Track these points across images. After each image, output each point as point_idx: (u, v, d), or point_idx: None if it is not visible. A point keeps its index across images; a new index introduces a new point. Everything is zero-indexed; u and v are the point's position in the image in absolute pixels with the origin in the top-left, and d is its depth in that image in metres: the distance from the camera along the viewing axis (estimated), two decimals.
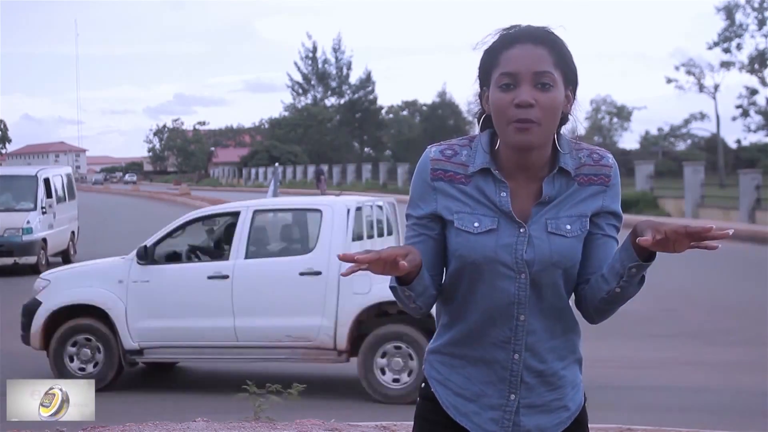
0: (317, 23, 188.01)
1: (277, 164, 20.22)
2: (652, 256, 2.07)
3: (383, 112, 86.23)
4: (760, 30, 55.74)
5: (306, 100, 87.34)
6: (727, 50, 56.73)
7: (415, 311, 2.23)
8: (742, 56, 64.86)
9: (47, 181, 18.53)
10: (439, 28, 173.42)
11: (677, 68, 60.26)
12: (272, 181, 18.52)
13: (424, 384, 2.31)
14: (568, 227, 2.17)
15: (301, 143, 79.36)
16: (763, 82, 56.97)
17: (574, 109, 2.21)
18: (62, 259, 19.02)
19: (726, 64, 57.67)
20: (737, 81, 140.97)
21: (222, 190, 62.78)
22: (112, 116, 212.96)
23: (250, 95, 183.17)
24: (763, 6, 55.15)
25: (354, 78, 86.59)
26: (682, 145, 69.48)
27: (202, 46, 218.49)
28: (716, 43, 56.82)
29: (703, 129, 66.95)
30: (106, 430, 5.85)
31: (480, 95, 2.22)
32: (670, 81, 60.40)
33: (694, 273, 14.85)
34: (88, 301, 8.63)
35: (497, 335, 2.19)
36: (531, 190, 2.18)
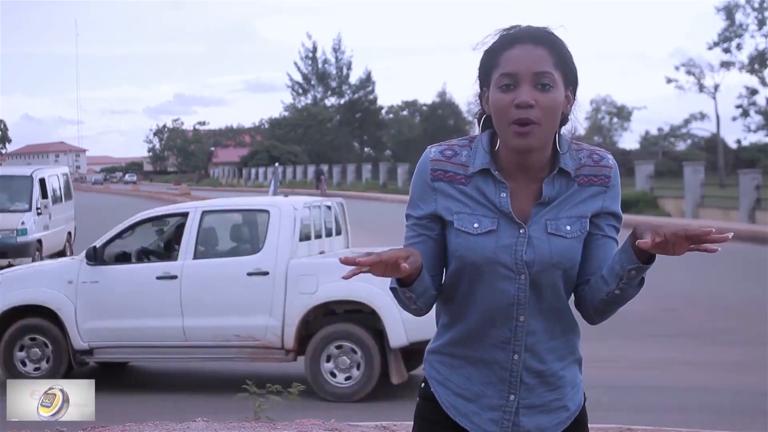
0: (317, 23, 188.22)
1: (277, 164, 20.20)
2: (651, 259, 2.07)
3: (383, 112, 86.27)
4: (760, 30, 55.75)
5: (306, 100, 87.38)
6: (727, 50, 56.74)
7: (416, 312, 2.23)
8: (742, 56, 64.97)
9: (43, 181, 18.31)
10: (439, 28, 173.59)
11: (677, 68, 60.32)
12: (272, 181, 18.52)
13: (423, 384, 2.31)
14: (568, 228, 2.17)
15: (301, 143, 79.36)
16: (763, 82, 57.00)
17: (575, 110, 2.21)
18: None
19: (726, 64, 57.68)
20: (737, 81, 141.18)
21: (222, 190, 62.75)
22: (112, 116, 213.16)
23: (250, 95, 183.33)
24: (763, 6, 55.17)
25: (354, 78, 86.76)
26: (682, 145, 69.50)
27: (202, 46, 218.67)
28: (716, 43, 56.82)
29: (703, 129, 67.03)
30: (106, 430, 5.85)
31: (480, 96, 2.22)
32: (670, 81, 60.45)
33: (694, 273, 14.85)
34: (38, 302, 8.66)
35: (497, 336, 2.19)
36: (531, 191, 2.18)
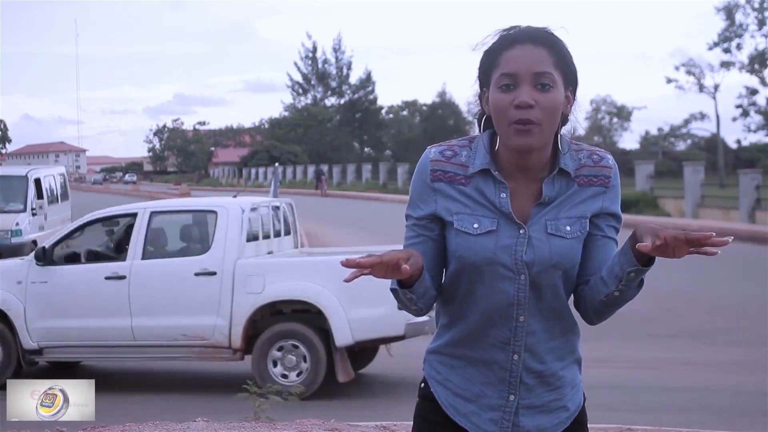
0: (317, 23, 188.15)
1: (277, 164, 20.17)
2: (651, 261, 2.07)
3: (383, 112, 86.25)
4: (760, 30, 55.73)
5: (306, 100, 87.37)
6: (727, 50, 56.73)
7: (416, 312, 2.23)
8: (742, 56, 64.96)
9: (38, 181, 18.09)
10: (439, 28, 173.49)
11: (677, 68, 60.30)
12: (273, 182, 18.52)
13: (423, 384, 2.30)
14: (568, 228, 2.17)
15: (301, 143, 79.34)
16: (763, 82, 56.98)
17: (574, 110, 2.21)
18: None
19: (726, 64, 57.67)
20: (737, 81, 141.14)
21: (222, 190, 62.73)
22: (112, 116, 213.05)
23: (250, 95, 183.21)
24: (763, 6, 55.15)
25: (354, 78, 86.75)
26: (682, 145, 69.49)
27: (202, 46, 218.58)
28: (716, 44, 56.81)
29: (703, 129, 67.02)
30: (106, 430, 5.85)
31: (480, 96, 2.22)
32: (670, 81, 60.44)
33: (694, 273, 14.85)
34: None
35: (497, 336, 2.19)
36: (531, 191, 2.18)
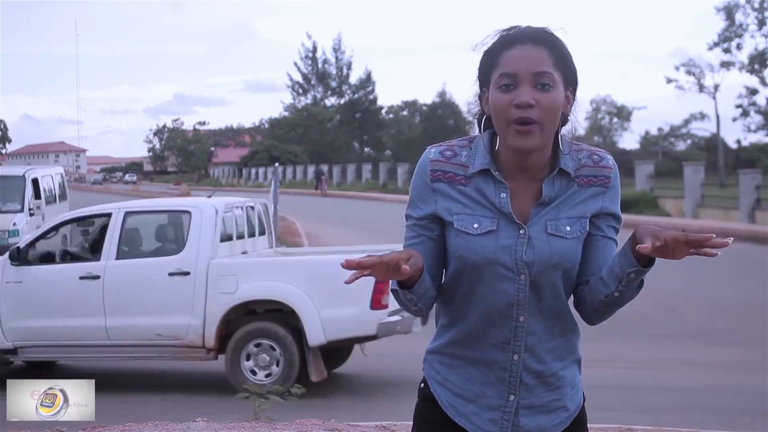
0: (317, 23, 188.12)
1: (276, 164, 20.16)
2: (651, 262, 2.07)
3: (383, 112, 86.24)
4: (760, 30, 55.73)
5: (306, 100, 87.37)
6: (727, 50, 56.73)
7: (417, 313, 2.23)
8: (742, 56, 64.94)
9: (35, 181, 17.97)
10: (439, 28, 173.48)
11: (677, 68, 60.32)
12: (273, 182, 18.52)
13: (423, 384, 2.30)
14: (568, 228, 2.17)
15: (301, 143, 79.34)
16: (763, 82, 56.97)
17: (574, 110, 2.21)
18: None
19: (726, 64, 57.66)
20: (737, 81, 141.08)
21: (222, 190, 62.70)
22: (112, 116, 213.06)
23: (250, 95, 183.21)
24: (763, 6, 55.15)
25: (354, 78, 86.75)
26: (682, 145, 69.49)
27: (202, 46, 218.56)
28: (716, 44, 56.81)
29: (703, 129, 67.03)
30: (106, 430, 5.85)
31: (480, 96, 2.22)
32: (670, 81, 60.44)
33: (694, 273, 14.85)
34: None
35: (497, 336, 2.19)
36: (531, 191, 2.18)
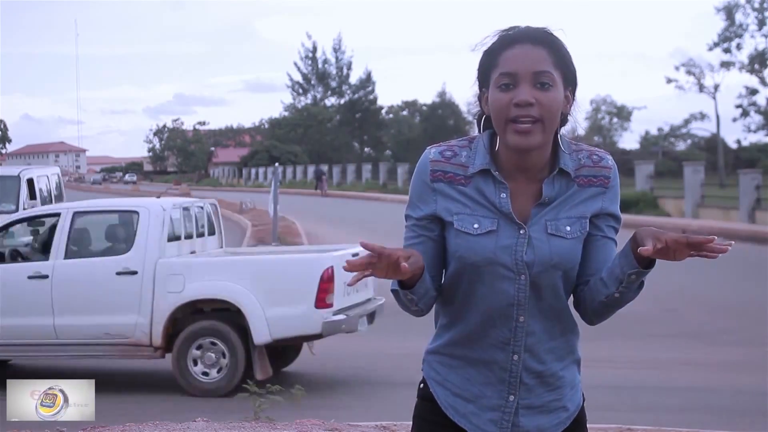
0: (317, 23, 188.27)
1: (276, 164, 20.18)
2: (651, 263, 2.07)
3: (383, 112, 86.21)
4: (760, 30, 55.71)
5: (306, 100, 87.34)
6: (727, 50, 56.71)
7: (417, 313, 2.23)
8: (742, 56, 64.91)
9: (31, 181, 17.77)
10: (439, 28, 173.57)
11: (677, 68, 60.28)
12: (273, 182, 18.53)
13: (422, 385, 2.30)
14: (568, 229, 2.17)
15: (301, 143, 79.32)
16: (763, 82, 56.96)
17: (574, 110, 2.21)
18: None
19: (726, 64, 57.65)
20: (737, 81, 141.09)
21: (222, 190, 62.75)
22: (112, 116, 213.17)
23: (250, 95, 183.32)
24: (763, 6, 55.13)
25: (354, 78, 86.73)
26: (682, 145, 69.44)
27: (202, 46, 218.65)
28: (716, 44, 56.79)
29: (703, 129, 66.98)
30: (106, 430, 5.85)
31: (479, 97, 2.22)
32: (670, 81, 60.41)
33: (695, 274, 14.85)
34: None
35: (497, 336, 2.19)
36: (531, 191, 2.18)
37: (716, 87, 58.99)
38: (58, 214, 8.87)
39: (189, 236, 9.22)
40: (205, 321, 8.46)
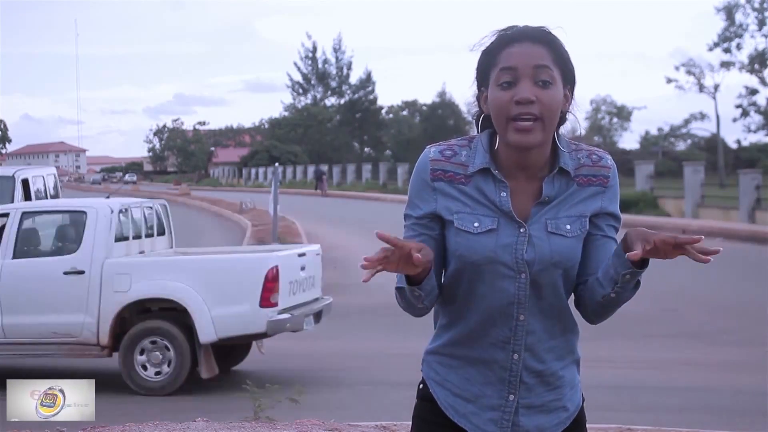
0: (317, 23, 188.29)
1: (276, 164, 20.19)
2: (645, 263, 2.07)
3: (383, 112, 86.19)
4: (760, 30, 55.71)
5: (306, 100, 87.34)
6: (727, 50, 56.71)
7: (421, 312, 2.21)
8: (742, 56, 64.89)
9: (26, 182, 17.67)
10: (439, 28, 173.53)
11: (677, 68, 60.24)
12: (273, 182, 18.54)
13: (422, 385, 2.30)
14: (568, 227, 2.17)
15: (301, 143, 79.32)
16: (763, 82, 56.95)
17: (573, 109, 2.21)
18: None
19: (726, 64, 57.64)
20: (737, 81, 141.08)
21: (222, 190, 62.76)
22: (112, 116, 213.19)
23: (250, 95, 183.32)
24: (763, 6, 55.13)
25: (354, 78, 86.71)
26: (682, 145, 69.43)
27: (202, 46, 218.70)
28: (716, 44, 56.78)
29: (703, 129, 66.96)
30: (106, 430, 5.85)
31: (478, 96, 2.22)
32: (670, 81, 60.40)
33: (694, 273, 14.83)
34: None
35: (497, 335, 2.19)
36: (530, 190, 2.18)
37: (716, 87, 59.04)
38: (5, 214, 8.92)
39: (138, 236, 9.31)
40: (152, 320, 8.57)
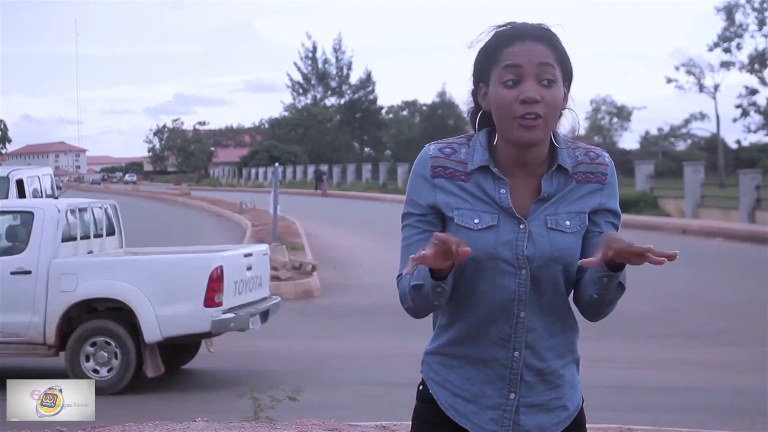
0: (317, 23, 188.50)
1: (276, 164, 20.18)
2: (621, 266, 2.07)
3: (383, 112, 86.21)
4: (760, 30, 55.72)
5: (306, 100, 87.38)
6: (727, 50, 56.71)
7: (427, 312, 2.20)
8: (742, 56, 64.88)
9: (20, 182, 17.58)
10: (439, 28, 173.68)
11: (677, 68, 60.28)
12: (273, 182, 18.53)
13: (422, 386, 2.29)
14: (568, 223, 2.18)
15: (301, 143, 79.35)
16: (763, 82, 56.96)
17: (569, 105, 2.22)
18: None
19: (726, 64, 57.65)
20: (737, 81, 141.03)
21: (222, 190, 62.77)
22: (112, 116, 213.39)
23: (250, 95, 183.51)
24: (763, 6, 55.14)
25: (354, 78, 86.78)
26: (682, 145, 69.43)
27: (202, 46, 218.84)
28: (716, 44, 56.79)
29: (703, 129, 66.96)
30: (106, 430, 5.85)
31: (474, 92, 2.22)
32: (670, 81, 60.42)
33: (694, 273, 14.85)
34: None
35: (497, 332, 2.19)
36: (529, 187, 2.18)
37: (716, 87, 59.06)
38: None
39: (86, 236, 9.33)
40: (98, 320, 8.62)
